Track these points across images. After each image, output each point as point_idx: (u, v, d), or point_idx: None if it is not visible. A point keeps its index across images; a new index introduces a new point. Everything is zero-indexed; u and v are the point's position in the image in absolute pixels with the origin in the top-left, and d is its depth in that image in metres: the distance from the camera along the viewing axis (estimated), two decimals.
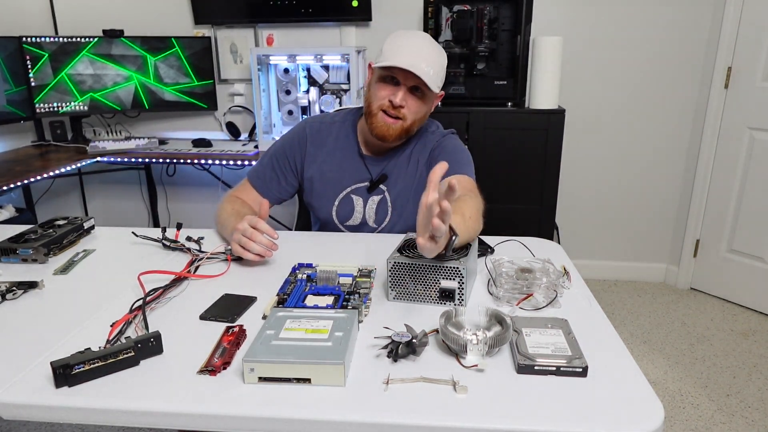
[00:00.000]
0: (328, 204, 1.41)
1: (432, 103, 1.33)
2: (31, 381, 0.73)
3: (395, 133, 1.29)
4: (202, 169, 3.03)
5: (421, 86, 1.24)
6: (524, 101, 2.40)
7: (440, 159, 1.33)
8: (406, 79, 1.24)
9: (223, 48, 2.87)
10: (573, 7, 2.60)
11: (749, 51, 2.44)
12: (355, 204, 1.40)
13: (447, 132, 1.42)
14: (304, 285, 0.99)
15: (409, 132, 1.31)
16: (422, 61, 1.21)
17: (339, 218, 1.41)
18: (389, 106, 1.26)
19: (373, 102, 1.28)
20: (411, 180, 1.38)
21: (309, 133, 1.41)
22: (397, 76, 1.24)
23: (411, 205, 1.38)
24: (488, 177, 2.37)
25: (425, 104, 1.30)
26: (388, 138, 1.29)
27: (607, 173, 2.82)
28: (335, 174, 1.39)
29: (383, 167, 1.38)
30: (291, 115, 2.71)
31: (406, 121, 1.28)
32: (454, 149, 1.36)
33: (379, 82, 1.27)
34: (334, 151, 1.40)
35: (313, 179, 1.41)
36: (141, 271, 1.01)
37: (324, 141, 1.41)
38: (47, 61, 2.64)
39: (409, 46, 1.23)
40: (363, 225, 1.41)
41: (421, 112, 1.30)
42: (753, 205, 2.52)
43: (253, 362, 0.72)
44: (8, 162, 2.42)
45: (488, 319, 0.83)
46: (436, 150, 1.36)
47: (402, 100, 1.25)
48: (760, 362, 2.18)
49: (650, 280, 2.94)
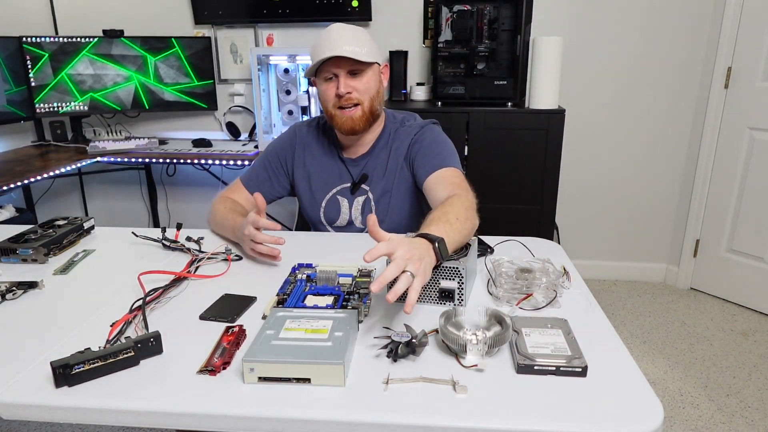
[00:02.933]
0: (315, 206, 1.43)
1: (378, 77, 1.33)
2: (31, 381, 0.73)
3: (361, 121, 1.30)
4: (202, 169, 3.03)
5: (355, 66, 1.26)
6: (524, 101, 2.40)
7: (422, 153, 1.32)
8: (340, 67, 1.26)
9: (223, 48, 2.87)
10: (573, 7, 2.60)
11: (749, 51, 2.44)
12: (341, 205, 1.41)
13: (426, 122, 1.40)
14: (303, 285, 0.99)
15: (373, 113, 1.32)
16: (343, 44, 1.23)
17: (327, 219, 1.43)
18: (340, 100, 1.28)
19: (327, 105, 1.31)
20: (391, 177, 1.38)
21: (298, 137, 1.45)
22: (332, 69, 1.27)
23: (394, 202, 1.38)
24: (488, 177, 2.38)
25: (371, 80, 1.30)
26: (357, 128, 1.31)
27: (607, 173, 2.82)
28: (320, 176, 1.42)
29: (362, 167, 1.40)
30: (291, 115, 2.71)
31: (363, 104, 1.29)
32: (435, 141, 1.34)
33: (323, 84, 1.31)
34: (320, 154, 1.43)
35: (301, 181, 1.43)
36: (141, 271, 1.01)
37: (310, 144, 1.44)
38: (47, 61, 2.64)
39: (326, 39, 1.26)
40: (350, 225, 1.42)
41: (371, 89, 1.30)
42: (753, 205, 2.52)
43: (253, 362, 0.72)
44: (8, 162, 2.42)
45: (488, 319, 0.83)
46: (415, 144, 1.35)
47: (345, 87, 1.26)
48: (760, 362, 2.18)
49: (650, 280, 2.94)
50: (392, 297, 0.77)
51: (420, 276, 0.80)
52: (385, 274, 0.78)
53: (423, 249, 0.85)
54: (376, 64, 1.31)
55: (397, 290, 0.78)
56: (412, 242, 0.85)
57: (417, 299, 0.94)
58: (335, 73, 1.27)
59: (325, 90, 1.30)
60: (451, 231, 0.94)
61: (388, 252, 0.81)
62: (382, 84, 1.36)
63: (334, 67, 1.26)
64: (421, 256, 0.83)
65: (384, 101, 1.40)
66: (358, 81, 1.28)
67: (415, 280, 0.79)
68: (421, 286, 0.80)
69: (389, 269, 0.78)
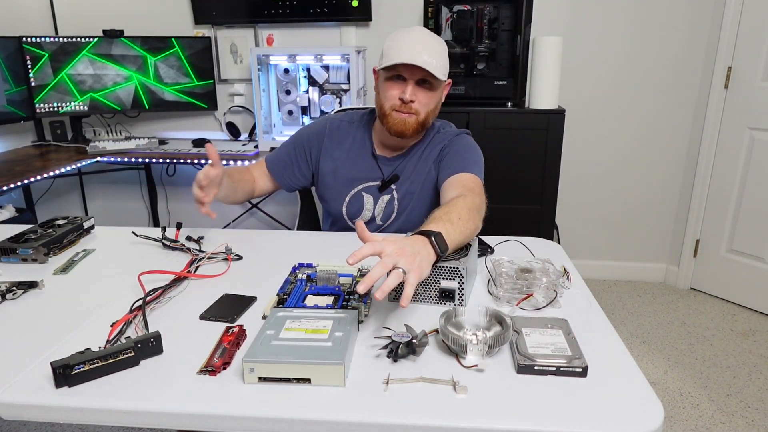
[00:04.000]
0: (339, 199, 1.42)
1: (441, 92, 1.34)
2: (31, 381, 0.73)
3: (412, 128, 1.29)
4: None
5: (428, 77, 1.25)
6: (524, 101, 2.40)
7: (449, 157, 1.34)
8: (412, 74, 1.25)
9: (223, 48, 2.87)
10: (573, 7, 2.60)
11: (749, 51, 2.44)
12: (365, 201, 1.41)
13: (460, 131, 1.42)
14: (304, 285, 0.99)
15: (425, 125, 1.32)
16: (423, 53, 1.22)
17: (348, 214, 1.43)
18: (401, 105, 1.27)
19: (385, 103, 1.29)
20: (419, 179, 1.39)
21: (329, 129, 1.44)
22: (403, 73, 1.25)
23: (415, 203, 1.39)
24: (488, 177, 2.34)
25: (435, 95, 1.30)
26: (406, 133, 1.30)
27: (607, 173, 2.82)
28: (348, 171, 1.41)
29: (395, 167, 1.40)
30: (291, 115, 2.71)
31: (419, 115, 1.29)
32: (464, 147, 1.36)
33: (387, 82, 1.28)
34: (350, 149, 1.42)
35: (326, 173, 1.43)
36: (141, 271, 1.01)
37: (342, 139, 1.43)
38: (47, 61, 2.64)
39: (407, 41, 1.24)
40: (371, 222, 1.42)
41: (432, 103, 1.30)
42: (753, 205, 2.52)
43: (253, 362, 0.72)
44: (8, 162, 2.42)
45: (488, 319, 0.83)
46: (445, 149, 1.37)
47: (412, 95, 1.26)
48: (760, 362, 2.18)
49: (650, 280, 2.94)
50: (380, 295, 0.77)
51: (414, 271, 0.80)
52: (371, 273, 0.77)
53: (417, 245, 0.85)
54: (443, 81, 1.30)
55: (384, 287, 0.77)
56: (405, 240, 0.85)
57: (417, 299, 0.95)
58: (406, 77, 1.26)
59: (388, 88, 1.28)
60: (451, 229, 0.94)
61: (373, 252, 0.81)
62: (441, 99, 1.36)
63: (407, 72, 1.25)
64: (415, 252, 0.83)
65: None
66: (423, 93, 1.27)
67: (409, 274, 0.79)
68: (416, 281, 0.79)
69: (375, 268, 0.78)
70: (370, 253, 0.81)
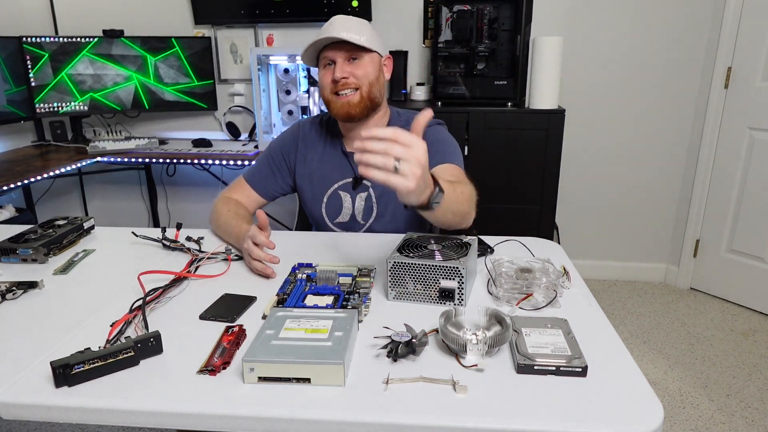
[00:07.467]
0: (317, 202, 1.42)
1: (378, 66, 1.32)
2: (31, 381, 0.73)
3: (357, 105, 1.28)
4: (202, 169, 3.03)
5: (354, 52, 1.26)
6: (524, 101, 2.40)
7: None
8: (337, 53, 1.26)
9: (223, 48, 2.87)
10: (573, 7, 2.60)
11: (749, 51, 2.44)
12: (343, 201, 1.39)
13: (432, 122, 1.38)
14: (303, 285, 0.99)
15: (372, 99, 1.30)
16: (342, 31, 1.23)
17: (328, 216, 1.41)
18: (336, 86, 1.27)
19: (324, 91, 1.31)
20: None
21: (301, 133, 1.45)
22: (328, 56, 1.27)
23: (395, 201, 1.35)
24: (488, 177, 2.37)
25: (369, 66, 1.29)
26: (353, 113, 1.28)
27: (607, 173, 2.81)
28: (322, 172, 1.40)
29: None
30: (291, 115, 2.71)
31: (362, 88, 1.27)
32: (439, 139, 1.33)
33: (320, 72, 1.30)
34: (323, 150, 1.42)
35: (303, 177, 1.43)
36: (141, 271, 1.01)
37: (314, 140, 1.43)
38: (47, 61, 2.64)
39: (324, 28, 1.27)
40: (353, 222, 1.40)
41: (371, 74, 1.28)
42: (753, 205, 2.52)
43: (253, 362, 0.72)
44: (8, 162, 2.42)
45: (488, 319, 0.83)
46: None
47: (342, 72, 1.26)
48: (760, 362, 2.18)
49: (650, 280, 2.94)
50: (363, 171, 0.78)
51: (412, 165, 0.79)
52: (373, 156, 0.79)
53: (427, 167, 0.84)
54: (376, 54, 1.30)
55: (368, 159, 0.79)
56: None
57: (417, 299, 0.95)
58: (333, 59, 1.26)
59: (323, 76, 1.29)
60: (450, 189, 0.95)
61: (392, 136, 0.80)
62: (383, 74, 1.34)
63: (331, 53, 1.26)
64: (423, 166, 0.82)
65: (385, 95, 1.38)
66: (355, 67, 1.27)
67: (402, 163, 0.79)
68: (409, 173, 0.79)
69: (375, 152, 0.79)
70: (389, 135, 0.80)
